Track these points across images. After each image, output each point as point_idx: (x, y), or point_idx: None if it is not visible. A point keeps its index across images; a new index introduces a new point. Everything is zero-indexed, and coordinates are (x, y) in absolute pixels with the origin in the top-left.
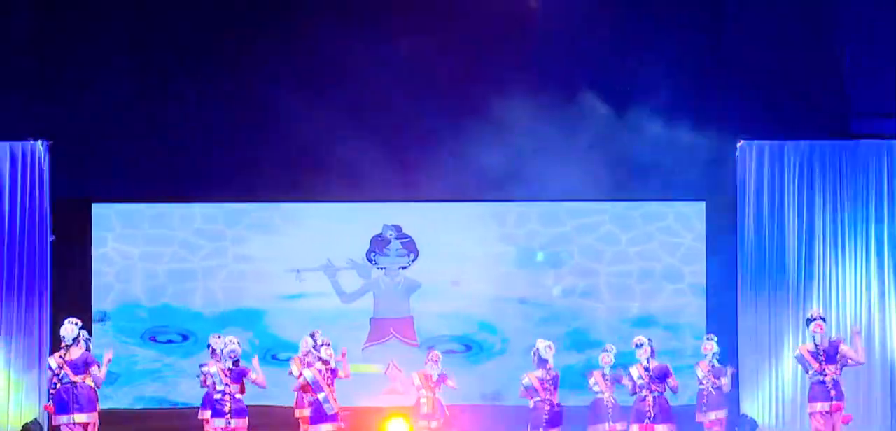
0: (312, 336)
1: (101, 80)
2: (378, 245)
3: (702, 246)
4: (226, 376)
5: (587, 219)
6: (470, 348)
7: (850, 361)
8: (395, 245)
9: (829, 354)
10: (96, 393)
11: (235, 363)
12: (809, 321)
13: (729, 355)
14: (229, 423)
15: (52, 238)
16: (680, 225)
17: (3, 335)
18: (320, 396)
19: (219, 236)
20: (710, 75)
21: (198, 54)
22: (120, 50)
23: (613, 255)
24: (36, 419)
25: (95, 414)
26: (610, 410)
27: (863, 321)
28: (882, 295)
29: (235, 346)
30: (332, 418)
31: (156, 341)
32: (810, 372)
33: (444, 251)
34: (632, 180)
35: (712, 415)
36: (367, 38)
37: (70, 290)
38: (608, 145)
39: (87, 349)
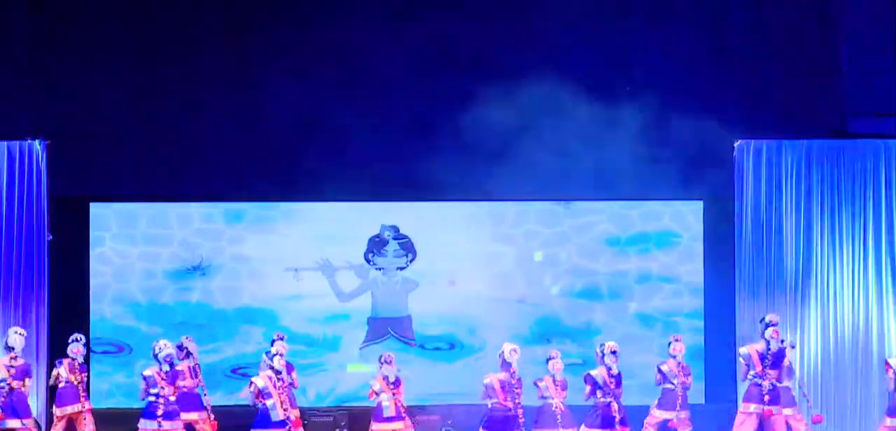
0: (272, 342)
1: (98, 80)
2: (375, 245)
3: (699, 246)
4: (162, 379)
5: (585, 219)
6: (453, 347)
7: (786, 375)
8: (393, 245)
9: (775, 359)
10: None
11: (171, 366)
12: (768, 325)
13: (727, 354)
14: (160, 425)
15: (50, 237)
16: (677, 225)
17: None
18: (268, 402)
19: (217, 235)
20: (707, 74)
21: (195, 54)
22: (117, 49)
23: (611, 255)
24: (35, 418)
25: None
26: (559, 416)
27: (860, 320)
28: (880, 294)
29: (171, 349)
30: (279, 425)
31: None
32: (751, 373)
33: (441, 251)
34: (629, 179)
35: (683, 415)
36: (366, 38)
37: (67, 290)
38: (606, 144)
39: None
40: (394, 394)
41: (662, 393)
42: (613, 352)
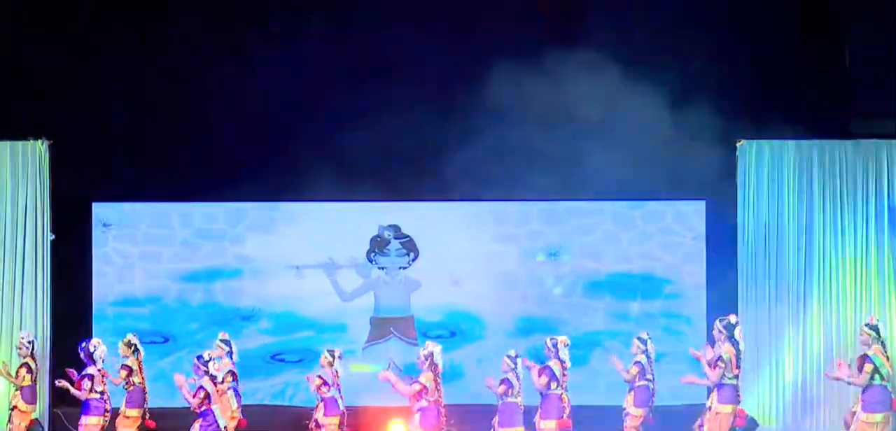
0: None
1: (102, 80)
2: (377, 245)
3: (702, 246)
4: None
5: (588, 219)
6: (454, 333)
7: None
8: (394, 245)
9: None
10: None
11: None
12: (735, 326)
13: None
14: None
15: (52, 237)
16: (680, 225)
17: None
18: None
19: (219, 235)
20: (710, 74)
21: (198, 54)
22: (120, 50)
23: (614, 255)
24: (38, 419)
25: None
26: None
27: (862, 320)
28: (882, 294)
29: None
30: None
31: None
32: (728, 375)
33: (444, 251)
34: (632, 179)
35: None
36: (366, 37)
37: (70, 289)
38: (608, 144)
39: None
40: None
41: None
42: (567, 347)
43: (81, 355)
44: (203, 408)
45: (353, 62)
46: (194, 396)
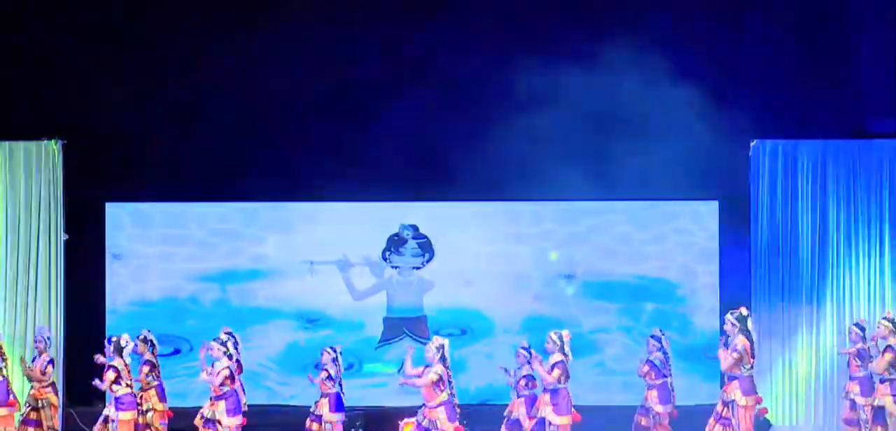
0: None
1: (114, 81)
2: (394, 244)
3: (715, 246)
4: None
5: (601, 219)
6: (465, 332)
7: None
8: (411, 245)
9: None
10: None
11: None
12: (747, 318)
13: None
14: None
15: (66, 237)
16: (694, 225)
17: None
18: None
19: (234, 236)
20: (724, 73)
21: (212, 54)
22: (134, 49)
23: (627, 255)
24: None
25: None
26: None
27: (876, 320)
28: None
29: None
30: None
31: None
32: (747, 367)
33: (457, 250)
34: (646, 179)
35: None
36: (383, 38)
37: (83, 290)
38: (622, 144)
39: None
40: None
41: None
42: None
43: (109, 348)
44: (225, 389)
45: (371, 62)
46: (217, 375)
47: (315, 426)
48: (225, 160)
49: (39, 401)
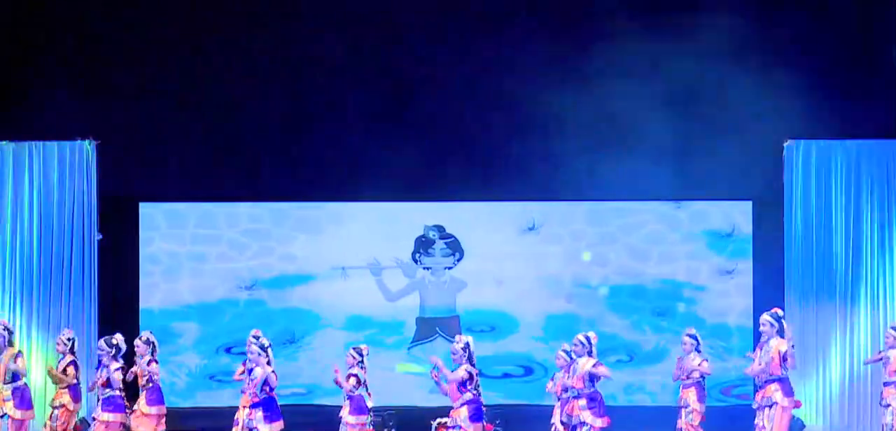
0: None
1: (148, 81)
2: (422, 246)
3: (748, 247)
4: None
5: (633, 219)
6: (493, 328)
7: None
8: (439, 245)
9: None
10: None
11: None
12: (782, 318)
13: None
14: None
15: (100, 237)
16: (726, 225)
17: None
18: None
19: (265, 235)
20: (757, 74)
21: (244, 54)
22: (167, 50)
23: (659, 255)
24: (84, 417)
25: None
26: None
27: None
28: None
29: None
30: None
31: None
32: (786, 369)
33: (489, 250)
34: (678, 179)
35: None
36: (412, 39)
37: (117, 289)
38: (654, 144)
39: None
40: None
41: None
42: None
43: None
44: (356, 392)
45: (401, 64)
46: (347, 381)
47: None
48: (258, 160)
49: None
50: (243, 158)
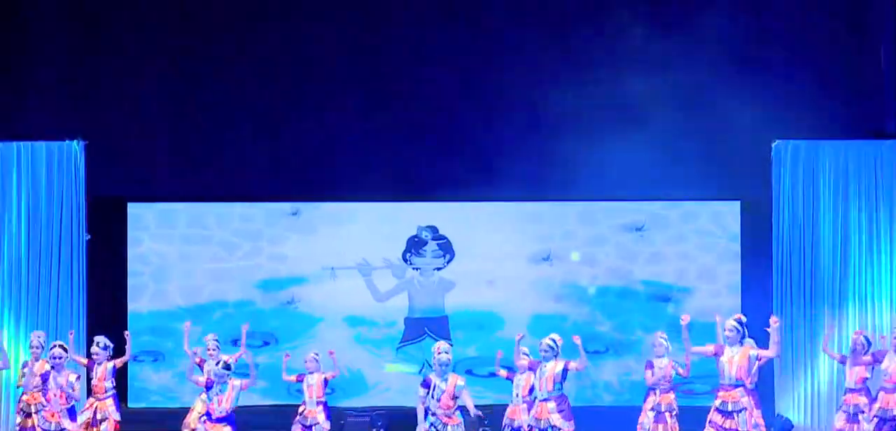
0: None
1: (136, 80)
2: (414, 246)
3: (737, 246)
4: None
5: (623, 219)
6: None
7: None
8: (432, 246)
9: None
10: None
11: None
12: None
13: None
14: None
15: (88, 237)
16: (715, 225)
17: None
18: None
19: (256, 235)
20: (745, 74)
21: (233, 54)
22: (155, 50)
23: (649, 255)
24: None
25: None
26: None
27: None
28: None
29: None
30: None
31: None
32: (753, 381)
33: (479, 250)
34: (667, 179)
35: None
36: (403, 38)
37: (106, 290)
38: (644, 145)
39: None
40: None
41: None
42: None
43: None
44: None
45: (392, 63)
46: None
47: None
48: (248, 160)
49: (32, 406)
50: (233, 158)
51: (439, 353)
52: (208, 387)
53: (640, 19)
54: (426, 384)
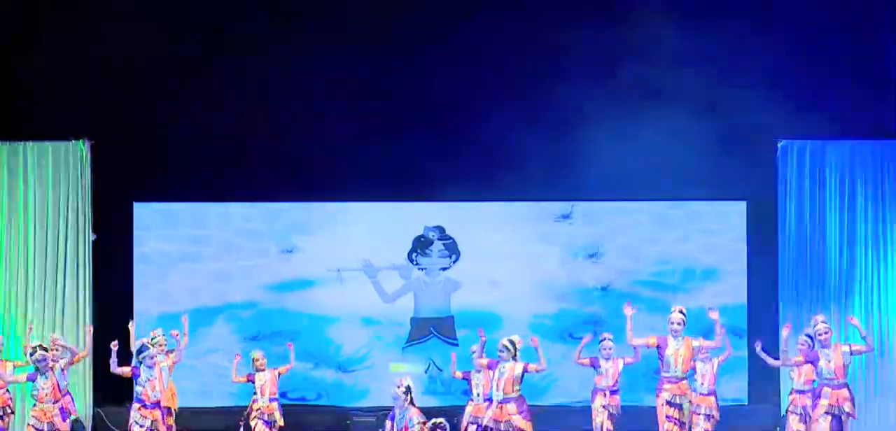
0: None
1: (142, 81)
2: (420, 246)
3: (742, 247)
4: None
5: (628, 219)
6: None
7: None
8: (438, 246)
9: None
10: None
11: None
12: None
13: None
14: None
15: (94, 237)
16: (720, 225)
17: None
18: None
19: (259, 236)
20: (751, 74)
21: (237, 54)
22: (161, 51)
23: (654, 255)
24: (78, 418)
25: None
26: None
27: None
28: None
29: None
30: None
31: None
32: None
33: (484, 250)
34: (672, 179)
35: None
36: (406, 37)
37: (111, 289)
38: (649, 144)
39: None
40: None
41: None
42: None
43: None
44: None
45: (395, 62)
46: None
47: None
48: (253, 161)
49: (3, 408)
50: (238, 158)
51: (395, 387)
52: (136, 376)
53: (646, 20)
54: (392, 417)
